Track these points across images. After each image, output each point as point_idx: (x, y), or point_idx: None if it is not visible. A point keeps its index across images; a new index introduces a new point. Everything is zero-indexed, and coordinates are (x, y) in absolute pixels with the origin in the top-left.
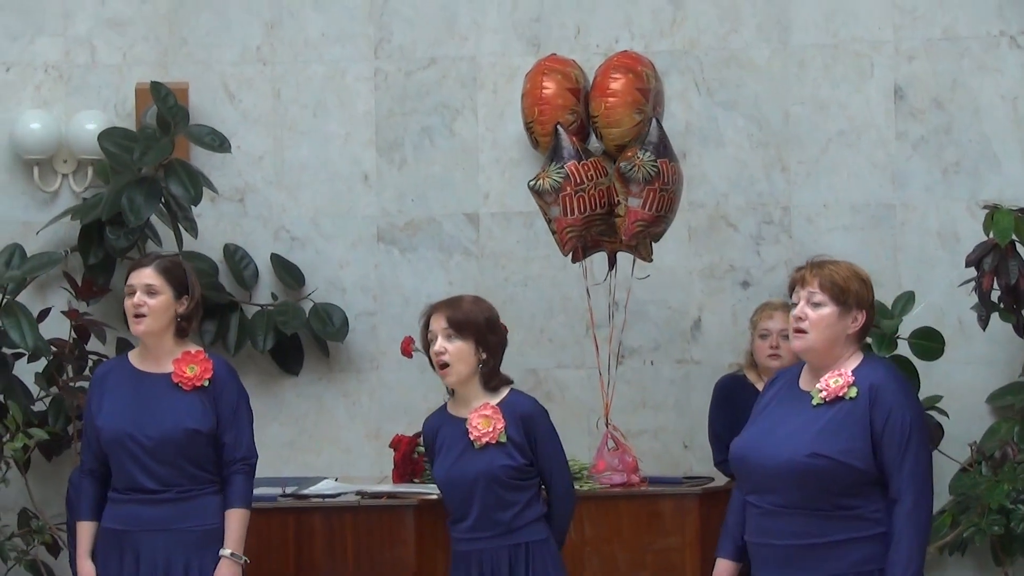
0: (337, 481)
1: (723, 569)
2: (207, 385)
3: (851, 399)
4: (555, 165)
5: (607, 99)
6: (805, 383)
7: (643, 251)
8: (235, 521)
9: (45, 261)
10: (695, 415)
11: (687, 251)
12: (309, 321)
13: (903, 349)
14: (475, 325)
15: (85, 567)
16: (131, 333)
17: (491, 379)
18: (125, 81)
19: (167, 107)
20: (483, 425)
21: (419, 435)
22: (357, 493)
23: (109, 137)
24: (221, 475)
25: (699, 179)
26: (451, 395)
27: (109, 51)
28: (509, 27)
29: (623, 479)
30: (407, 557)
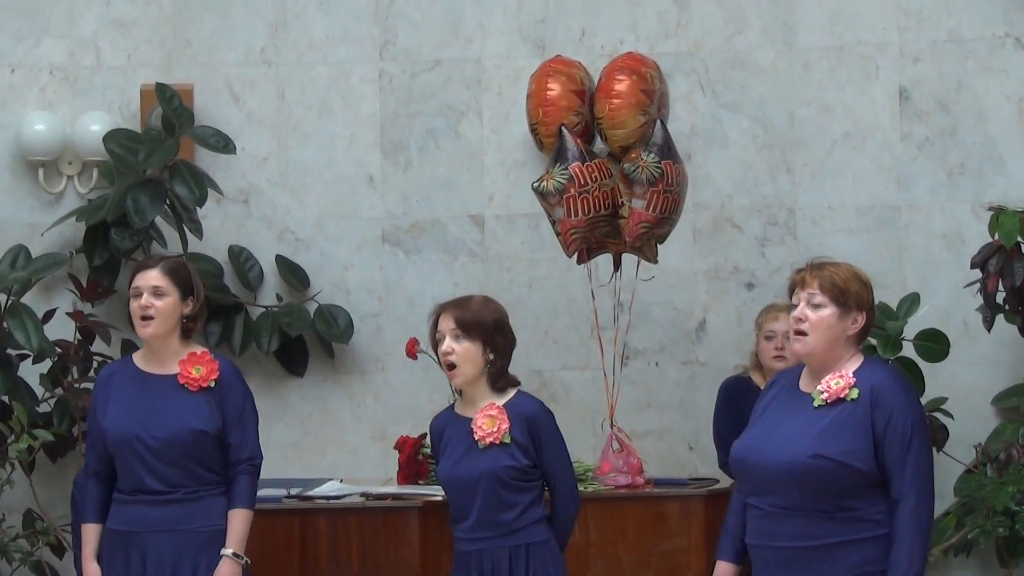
0: (342, 482)
1: (723, 571)
2: (213, 386)
3: (852, 400)
4: (559, 167)
5: (611, 101)
6: (805, 385)
7: (648, 252)
8: (238, 521)
9: (50, 262)
10: (700, 416)
11: (692, 252)
12: (314, 323)
13: (908, 351)
14: (483, 326)
15: (91, 569)
16: (136, 335)
17: (498, 380)
18: (130, 83)
19: (172, 108)
20: (488, 425)
21: (424, 436)
22: (362, 494)
23: (114, 138)
24: (226, 476)
25: (704, 181)
26: (459, 395)
27: (114, 53)
28: (514, 29)
29: (628, 480)
30: (411, 558)
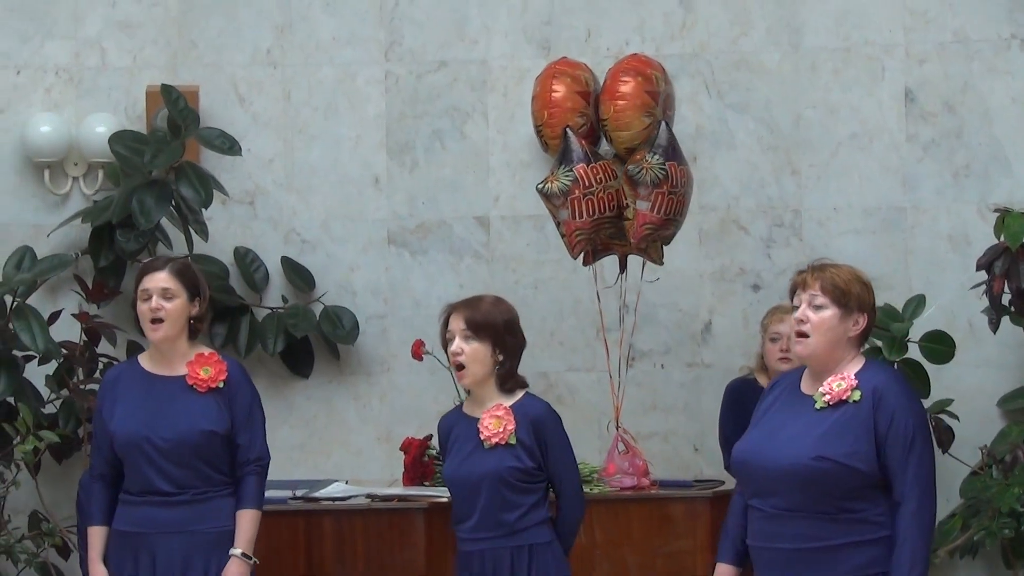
0: (347, 484)
1: (723, 573)
2: (222, 387)
3: (855, 402)
4: (564, 168)
5: (616, 102)
6: (807, 387)
7: (654, 254)
8: (246, 521)
9: (56, 264)
10: (705, 418)
11: (697, 254)
12: (319, 324)
13: (913, 352)
14: (493, 327)
15: (98, 572)
16: (142, 336)
17: (507, 381)
18: (135, 84)
19: (177, 110)
20: (494, 426)
21: (430, 438)
22: (367, 496)
23: (119, 140)
24: (235, 476)
25: (710, 182)
26: (467, 394)
27: (119, 54)
28: (519, 30)
29: (633, 482)
30: (417, 560)
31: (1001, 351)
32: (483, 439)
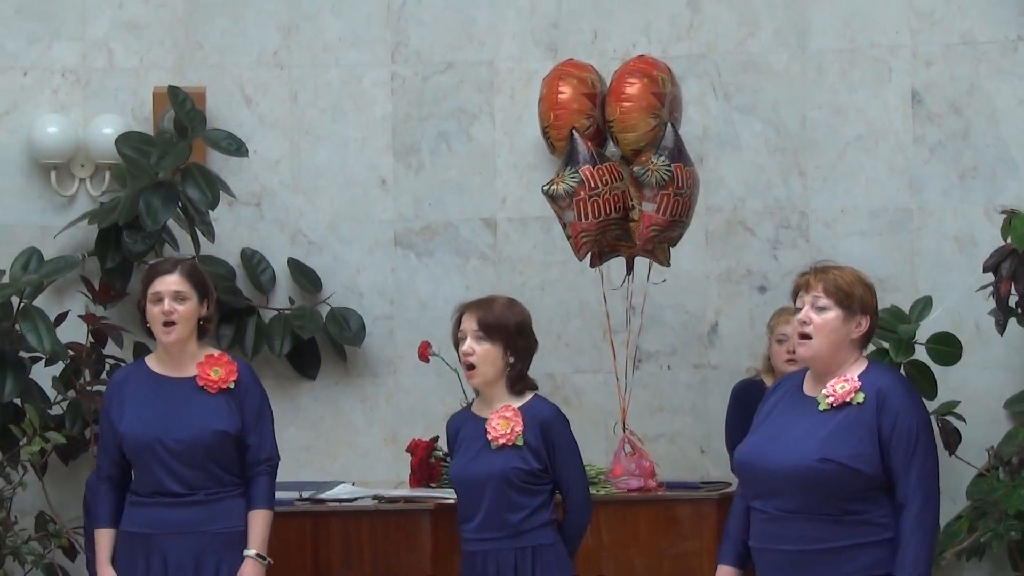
0: (354, 485)
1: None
2: (232, 387)
3: (858, 404)
4: (570, 170)
5: (622, 104)
6: (809, 389)
7: (661, 255)
8: (259, 522)
9: (62, 265)
10: (712, 420)
11: (704, 255)
12: (326, 325)
13: (920, 354)
14: (505, 329)
15: (106, 574)
16: (150, 338)
17: (517, 383)
18: (142, 85)
19: (184, 111)
20: (501, 426)
21: (436, 439)
22: (374, 497)
23: (126, 141)
24: (244, 477)
25: (716, 183)
26: (476, 395)
27: (126, 55)
28: (526, 32)
29: (640, 484)
30: (423, 561)
31: (1008, 353)
32: (490, 439)
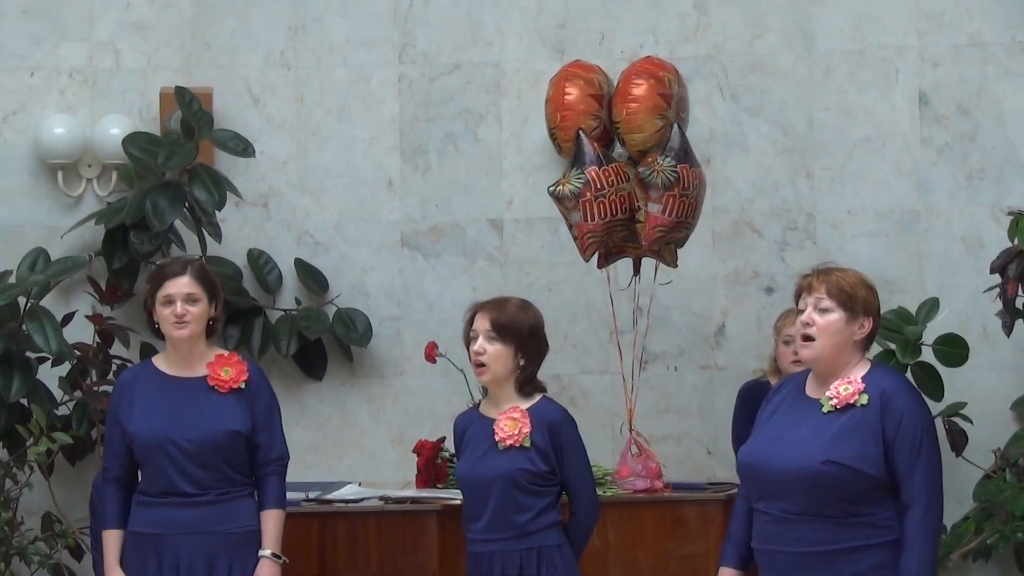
0: (360, 486)
1: None
2: (243, 387)
3: (862, 406)
4: (576, 171)
5: (629, 105)
6: (812, 390)
7: (668, 256)
8: (273, 521)
9: (69, 265)
10: (719, 421)
11: (711, 257)
12: (333, 326)
13: (927, 355)
14: (518, 331)
15: None
16: (157, 338)
17: (526, 385)
18: (149, 86)
19: (191, 112)
20: (509, 428)
21: (443, 440)
22: (380, 498)
23: (133, 142)
24: (254, 477)
25: (723, 185)
26: (484, 394)
27: (133, 56)
28: (533, 33)
29: (647, 485)
30: (430, 562)
31: (1015, 354)
32: (497, 440)
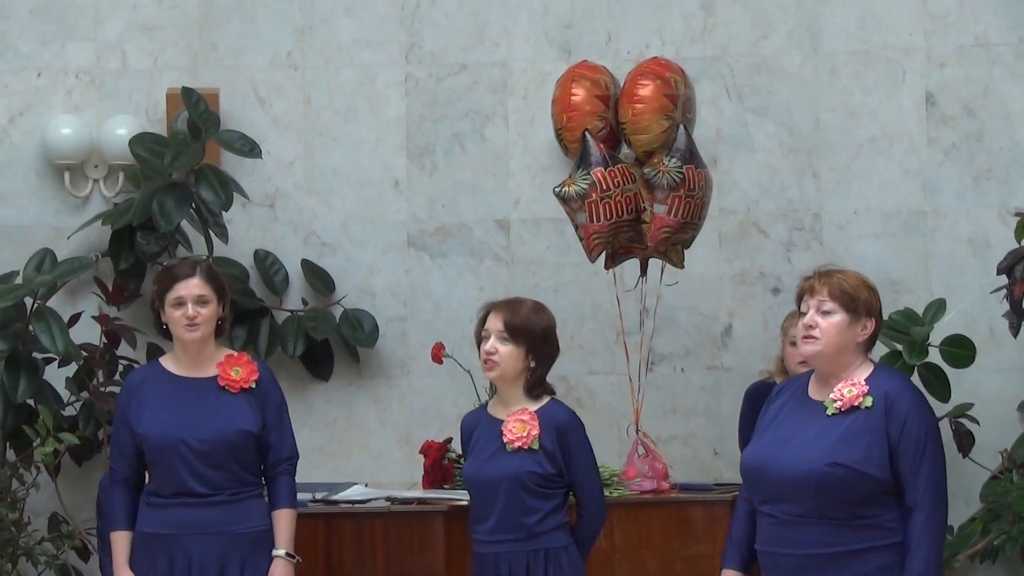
0: (367, 487)
1: None
2: (254, 387)
3: (867, 408)
4: (581, 171)
5: (635, 105)
6: (815, 392)
7: (674, 257)
8: (285, 521)
9: (76, 266)
10: (725, 422)
11: (717, 257)
12: (339, 327)
13: (934, 356)
14: (531, 333)
15: None
16: (164, 339)
17: (535, 387)
18: (156, 86)
19: (198, 112)
20: (518, 430)
21: (449, 440)
22: (387, 499)
23: (140, 142)
24: (264, 477)
25: (730, 185)
26: (493, 392)
27: (140, 56)
28: (540, 33)
29: (653, 486)
30: (436, 563)
31: (1022, 355)
32: (506, 442)
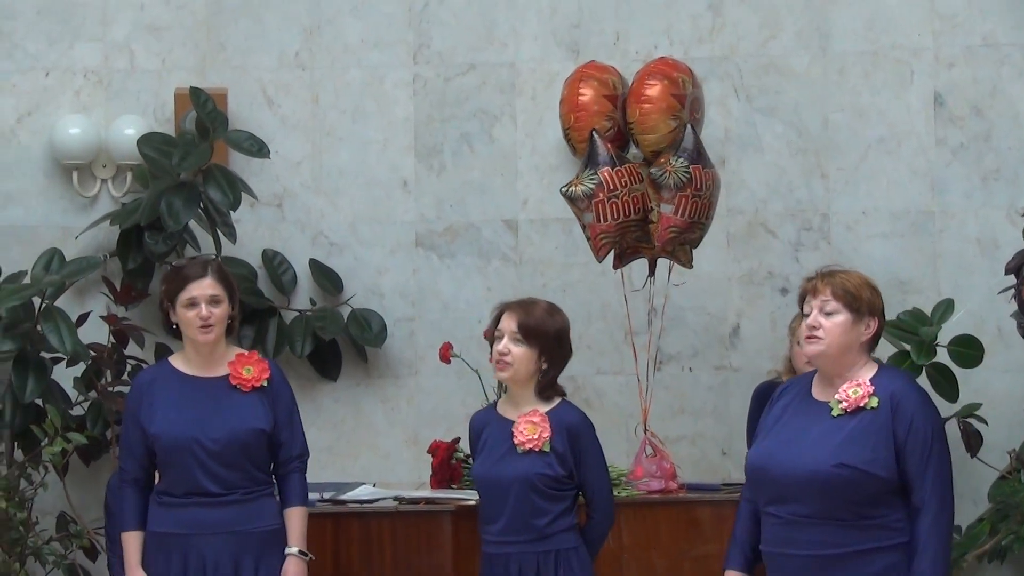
0: (375, 487)
1: None
2: (266, 386)
3: (872, 409)
4: (588, 171)
5: (642, 105)
6: (819, 393)
7: (683, 257)
8: (297, 519)
9: (84, 266)
10: (733, 422)
11: (726, 257)
12: (347, 327)
13: (942, 356)
14: (544, 335)
15: None
16: (172, 338)
17: (546, 388)
18: (164, 86)
19: (206, 112)
20: (529, 431)
21: (457, 440)
22: (395, 498)
23: (148, 142)
24: (275, 475)
25: (738, 185)
26: (503, 391)
27: (148, 56)
28: (548, 33)
29: (661, 485)
30: (444, 563)
31: None
32: (517, 444)
